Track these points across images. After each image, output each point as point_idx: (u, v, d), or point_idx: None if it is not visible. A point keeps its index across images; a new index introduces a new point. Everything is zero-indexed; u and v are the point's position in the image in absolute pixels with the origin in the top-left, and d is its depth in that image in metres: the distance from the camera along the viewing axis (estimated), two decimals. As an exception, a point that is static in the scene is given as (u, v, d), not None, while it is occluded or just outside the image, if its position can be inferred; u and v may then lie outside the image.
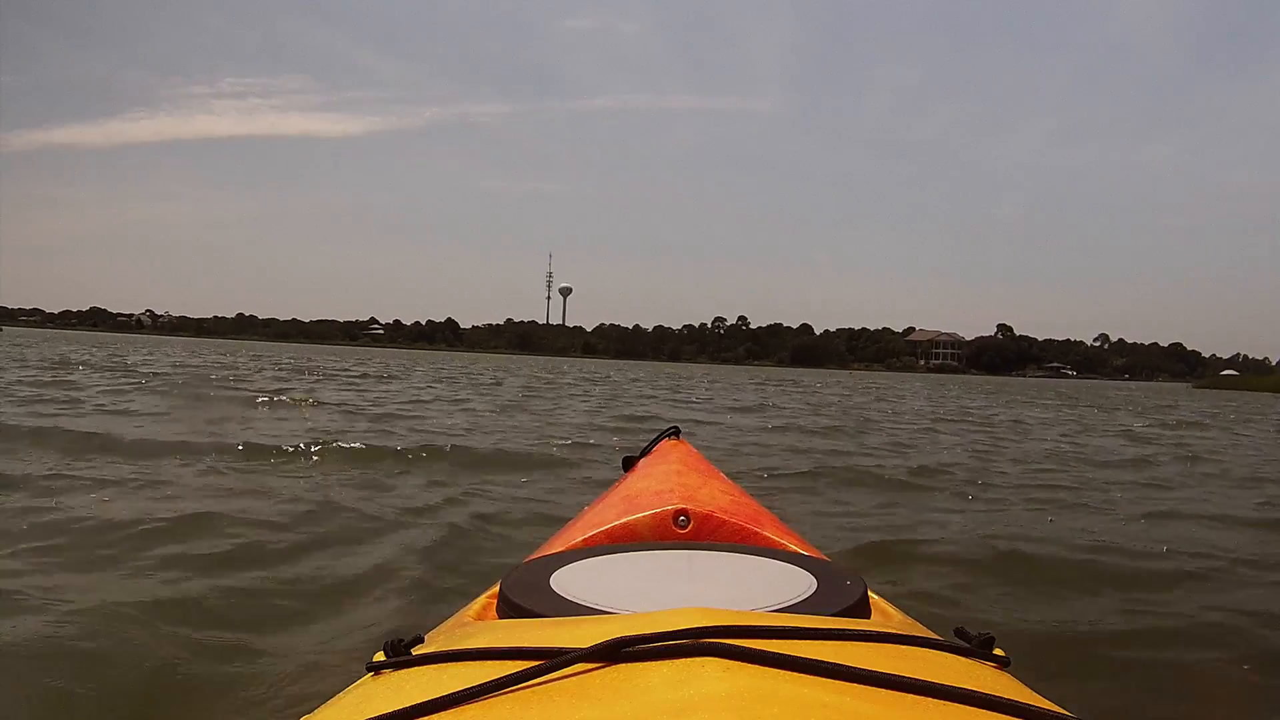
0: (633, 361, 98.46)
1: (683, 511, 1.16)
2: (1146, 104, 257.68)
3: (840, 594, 0.84)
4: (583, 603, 0.81)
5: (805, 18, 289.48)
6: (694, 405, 14.53)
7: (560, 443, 7.06)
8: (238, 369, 20.67)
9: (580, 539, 1.16)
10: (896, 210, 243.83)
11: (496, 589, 0.92)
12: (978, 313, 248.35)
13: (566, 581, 0.89)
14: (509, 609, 0.84)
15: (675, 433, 1.85)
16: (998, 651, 0.67)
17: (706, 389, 21.87)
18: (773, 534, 1.17)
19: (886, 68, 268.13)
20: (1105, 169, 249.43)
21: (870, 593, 0.89)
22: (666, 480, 1.34)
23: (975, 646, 0.67)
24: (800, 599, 0.82)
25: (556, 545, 1.18)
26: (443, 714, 0.50)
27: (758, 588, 0.87)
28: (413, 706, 0.51)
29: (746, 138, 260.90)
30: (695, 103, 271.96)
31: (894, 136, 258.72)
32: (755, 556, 1.00)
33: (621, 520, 1.17)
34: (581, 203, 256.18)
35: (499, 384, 19.36)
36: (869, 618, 0.84)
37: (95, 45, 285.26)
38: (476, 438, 7.38)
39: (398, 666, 0.64)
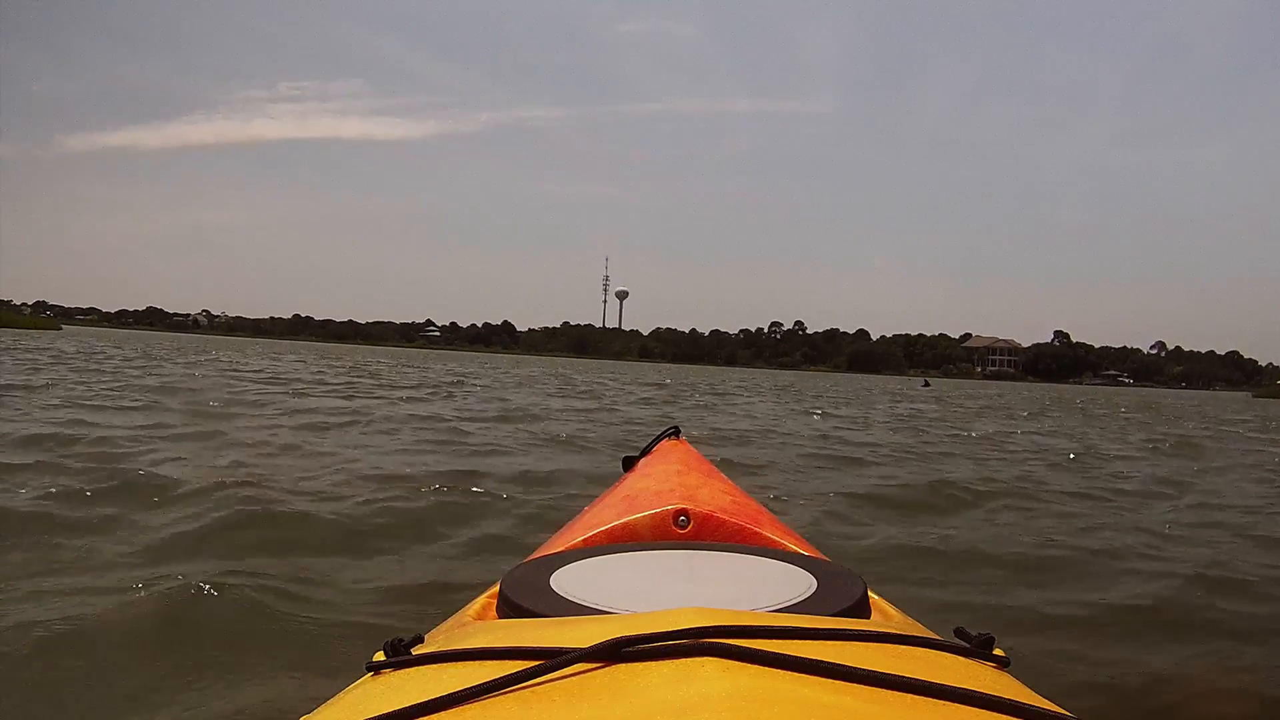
0: (693, 366, 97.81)
1: (683, 511, 1.16)
2: (1206, 103, 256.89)
3: (840, 594, 0.84)
4: (583, 603, 0.81)
5: (861, 19, 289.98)
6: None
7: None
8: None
9: (580, 539, 1.16)
10: (954, 213, 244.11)
11: (496, 589, 0.92)
12: (1034, 318, 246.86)
13: (566, 581, 0.89)
14: (509, 609, 0.84)
15: (675, 432, 1.85)
16: (998, 651, 0.67)
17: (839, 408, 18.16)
18: (773, 534, 1.16)
19: (944, 68, 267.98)
20: (1164, 170, 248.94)
21: (870, 593, 0.89)
22: (667, 480, 1.34)
23: (975, 646, 0.67)
24: (800, 599, 0.82)
25: (556, 545, 1.18)
26: (443, 714, 0.50)
27: (757, 588, 0.87)
28: (412, 706, 0.50)
29: (803, 140, 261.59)
30: (751, 106, 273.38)
31: (951, 138, 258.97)
32: (755, 556, 1.00)
33: (621, 520, 1.17)
34: (637, 206, 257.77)
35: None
36: (869, 618, 0.84)
37: (153, 50, 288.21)
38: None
39: (397, 666, 0.64)
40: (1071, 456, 8.74)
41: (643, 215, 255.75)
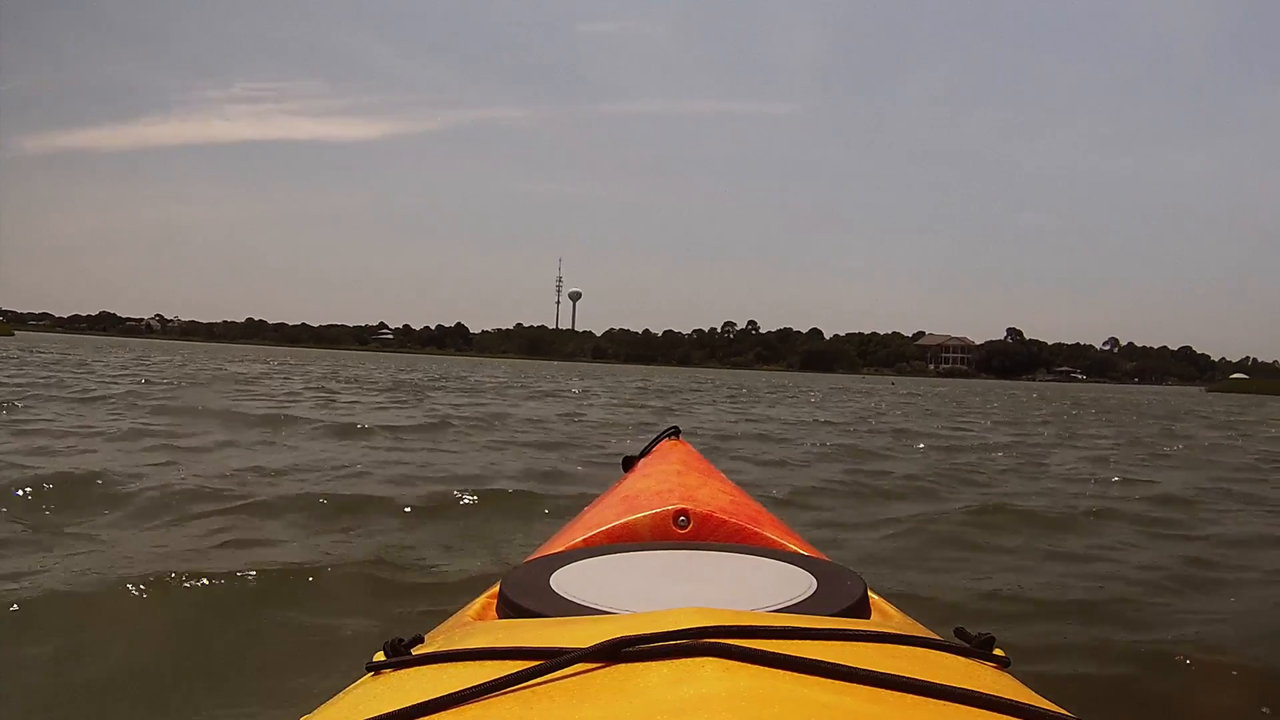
0: (646, 366, 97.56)
1: (683, 511, 1.16)
2: (1173, 112, 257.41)
3: (840, 594, 0.84)
4: (582, 603, 0.81)
5: (833, 21, 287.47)
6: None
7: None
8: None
9: (580, 539, 1.16)
10: (912, 216, 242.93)
11: (496, 589, 0.92)
12: (987, 316, 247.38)
13: (566, 581, 0.89)
14: (509, 609, 0.84)
15: (675, 432, 1.85)
16: (997, 651, 0.67)
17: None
18: (772, 534, 1.16)
19: (914, 73, 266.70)
20: (1128, 176, 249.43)
21: (870, 592, 0.89)
22: (666, 480, 1.34)
23: (975, 646, 0.67)
24: (800, 599, 0.82)
25: (556, 545, 1.18)
26: (442, 714, 0.50)
27: (757, 588, 0.87)
28: (412, 706, 0.50)
29: (768, 142, 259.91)
30: (719, 106, 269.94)
31: (918, 142, 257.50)
32: (755, 556, 1.00)
33: (621, 520, 1.17)
34: (592, 207, 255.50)
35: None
36: (869, 618, 0.84)
37: (110, 49, 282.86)
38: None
39: (397, 666, 0.64)
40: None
41: (597, 216, 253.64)
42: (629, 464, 1.71)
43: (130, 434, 6.61)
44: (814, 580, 0.88)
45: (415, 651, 0.67)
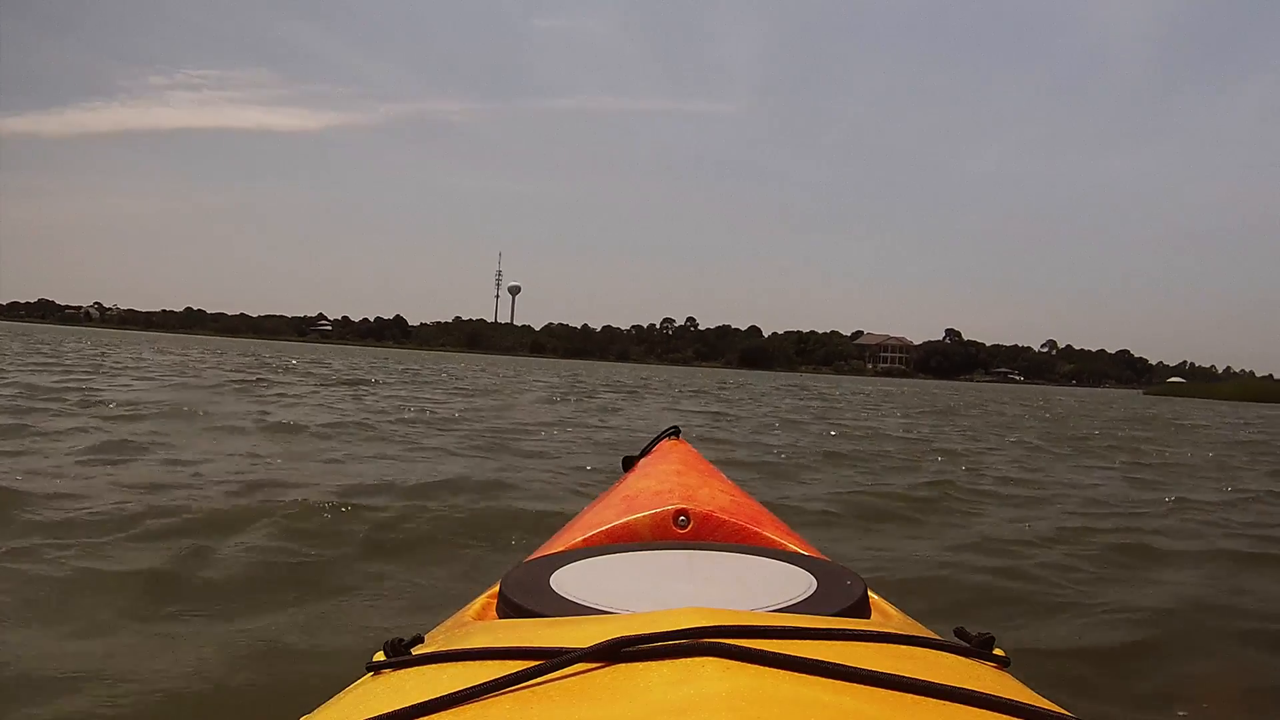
0: (586, 361, 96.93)
1: (683, 511, 1.16)
2: (1108, 117, 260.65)
3: (840, 594, 0.84)
4: (582, 603, 0.81)
5: (779, 22, 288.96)
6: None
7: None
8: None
9: (580, 539, 1.16)
10: (852, 216, 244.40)
11: (496, 589, 0.92)
12: (926, 317, 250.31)
13: (566, 581, 0.88)
14: (509, 609, 0.84)
15: (675, 432, 1.85)
16: (998, 651, 0.67)
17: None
18: (773, 534, 1.16)
19: (855, 75, 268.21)
20: (1064, 180, 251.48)
21: (870, 592, 0.89)
22: (666, 480, 1.34)
23: (975, 646, 0.67)
24: (800, 599, 0.82)
25: (556, 545, 1.18)
26: (442, 714, 0.50)
27: (757, 588, 0.87)
28: (412, 706, 0.50)
29: (710, 140, 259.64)
30: (663, 104, 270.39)
31: (860, 143, 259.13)
32: (755, 556, 1.00)
33: (621, 520, 1.17)
34: (535, 201, 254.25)
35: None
36: (869, 618, 0.83)
37: (54, 32, 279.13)
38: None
39: (397, 666, 0.64)
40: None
41: (539, 210, 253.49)
42: (629, 464, 1.71)
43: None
44: (814, 580, 0.88)
45: (415, 651, 0.67)
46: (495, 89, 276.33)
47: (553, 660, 0.52)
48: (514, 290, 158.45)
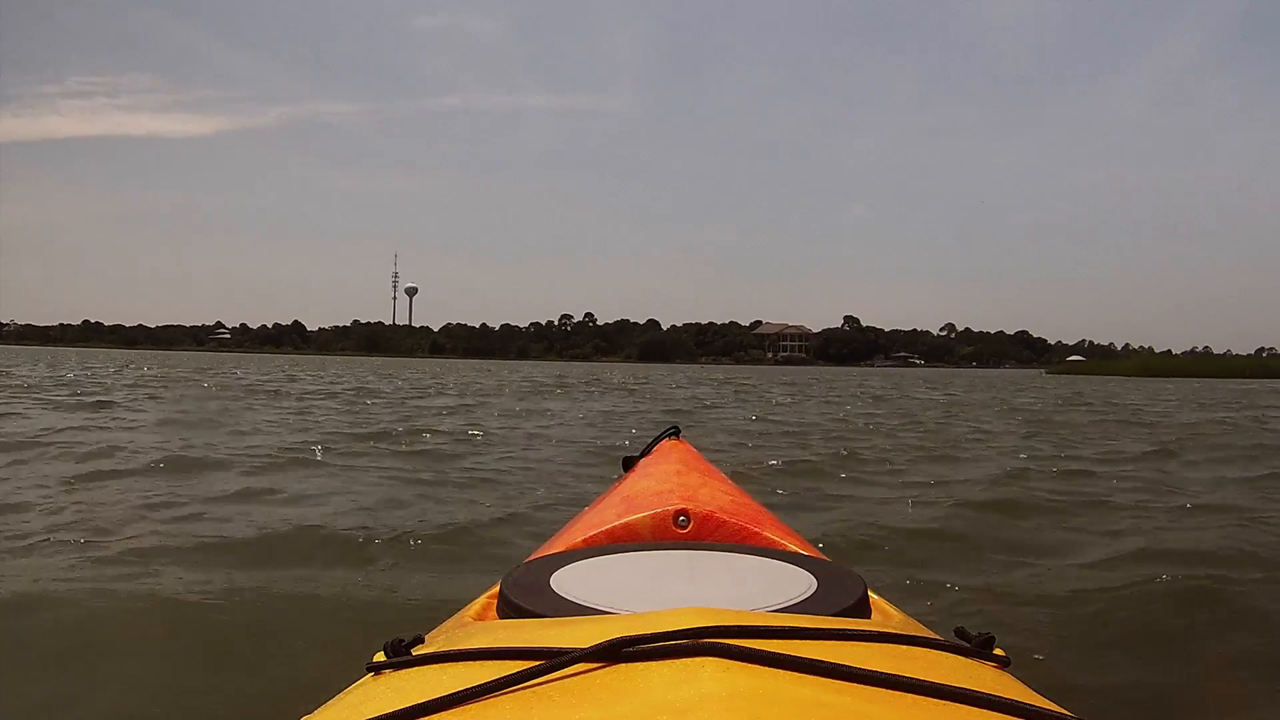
0: (485, 361, 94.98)
1: (683, 511, 1.16)
2: (991, 104, 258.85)
3: (840, 594, 0.84)
4: (583, 603, 0.81)
5: (659, 17, 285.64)
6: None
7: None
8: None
9: (580, 539, 1.16)
10: (741, 208, 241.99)
11: (496, 589, 0.92)
12: (824, 305, 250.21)
13: (566, 581, 0.89)
14: (509, 609, 0.84)
15: (675, 432, 1.85)
16: (998, 651, 0.67)
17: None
18: (773, 534, 1.17)
19: (735, 67, 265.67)
20: (953, 165, 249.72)
21: (870, 592, 0.89)
22: (666, 480, 1.34)
23: (975, 646, 0.67)
24: (800, 599, 0.82)
25: (556, 545, 1.18)
26: (443, 714, 0.50)
27: (758, 588, 0.87)
28: (413, 706, 0.50)
29: (597, 136, 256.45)
30: (547, 102, 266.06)
31: (745, 136, 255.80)
32: (755, 556, 1.00)
33: (621, 520, 1.17)
34: (428, 202, 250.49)
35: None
36: (869, 618, 0.84)
37: None
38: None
39: (398, 667, 0.64)
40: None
41: (433, 211, 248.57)
42: (629, 464, 1.71)
43: None
44: (814, 580, 0.88)
45: (415, 652, 0.67)
46: (382, 89, 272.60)
47: (553, 660, 0.52)
48: (411, 291, 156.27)
